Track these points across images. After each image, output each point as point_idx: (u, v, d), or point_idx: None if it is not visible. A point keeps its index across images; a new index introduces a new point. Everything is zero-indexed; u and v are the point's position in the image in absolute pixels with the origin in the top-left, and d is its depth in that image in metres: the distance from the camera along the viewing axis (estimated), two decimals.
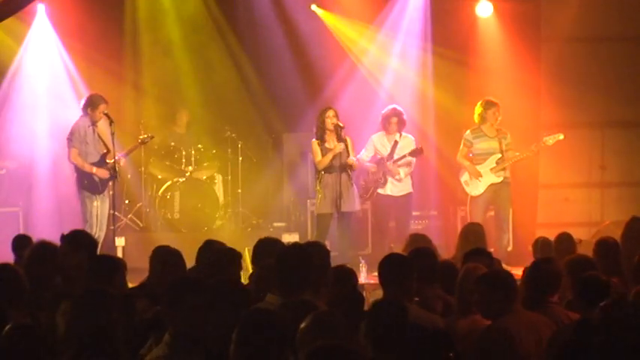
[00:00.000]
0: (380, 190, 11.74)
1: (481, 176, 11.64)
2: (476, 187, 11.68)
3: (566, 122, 13.44)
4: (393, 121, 11.70)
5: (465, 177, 11.79)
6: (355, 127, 11.92)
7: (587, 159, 13.82)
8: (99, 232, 11.03)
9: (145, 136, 11.90)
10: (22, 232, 11.41)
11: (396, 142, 11.72)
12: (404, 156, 11.69)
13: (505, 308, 5.80)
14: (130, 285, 7.11)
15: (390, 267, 6.25)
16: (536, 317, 5.99)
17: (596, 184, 13.88)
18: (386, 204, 11.80)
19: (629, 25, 13.75)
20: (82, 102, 11.22)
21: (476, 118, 11.73)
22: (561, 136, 11.80)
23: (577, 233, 12.71)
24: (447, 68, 13.24)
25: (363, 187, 11.78)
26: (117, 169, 11.19)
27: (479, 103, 11.77)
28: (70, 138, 11.15)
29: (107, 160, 11.18)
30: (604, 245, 7.79)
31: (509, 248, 12.20)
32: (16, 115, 12.66)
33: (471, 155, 11.79)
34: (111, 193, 11.33)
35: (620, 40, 13.77)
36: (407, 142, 11.79)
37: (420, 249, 7.09)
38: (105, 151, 11.20)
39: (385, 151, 11.74)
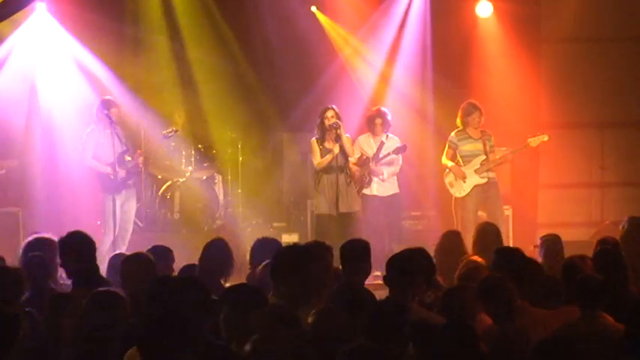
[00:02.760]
0: (366, 191, 11.62)
1: (466, 177, 11.59)
2: (460, 188, 11.61)
3: (566, 122, 13.45)
4: (378, 122, 11.61)
5: (449, 179, 11.71)
6: (355, 127, 11.90)
7: (587, 159, 13.81)
8: (121, 231, 11.10)
9: (170, 130, 11.90)
10: (21, 232, 11.45)
11: (382, 143, 11.61)
12: (388, 154, 11.62)
13: (509, 312, 5.84)
14: None
15: (392, 268, 6.31)
16: (544, 313, 6.15)
17: (596, 184, 13.88)
18: (374, 205, 11.67)
19: (628, 26, 13.75)
20: (95, 106, 11.25)
21: (458, 122, 11.67)
22: (546, 137, 11.71)
23: (577, 233, 12.82)
24: (446, 68, 13.23)
25: None
26: (140, 166, 11.34)
27: (460, 108, 11.70)
28: (85, 142, 11.20)
29: (126, 158, 11.21)
30: (604, 245, 7.79)
31: None
32: (16, 115, 12.66)
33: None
34: None
35: (620, 40, 13.77)
36: (393, 143, 11.71)
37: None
38: (124, 149, 11.20)
39: (371, 152, 11.66)
